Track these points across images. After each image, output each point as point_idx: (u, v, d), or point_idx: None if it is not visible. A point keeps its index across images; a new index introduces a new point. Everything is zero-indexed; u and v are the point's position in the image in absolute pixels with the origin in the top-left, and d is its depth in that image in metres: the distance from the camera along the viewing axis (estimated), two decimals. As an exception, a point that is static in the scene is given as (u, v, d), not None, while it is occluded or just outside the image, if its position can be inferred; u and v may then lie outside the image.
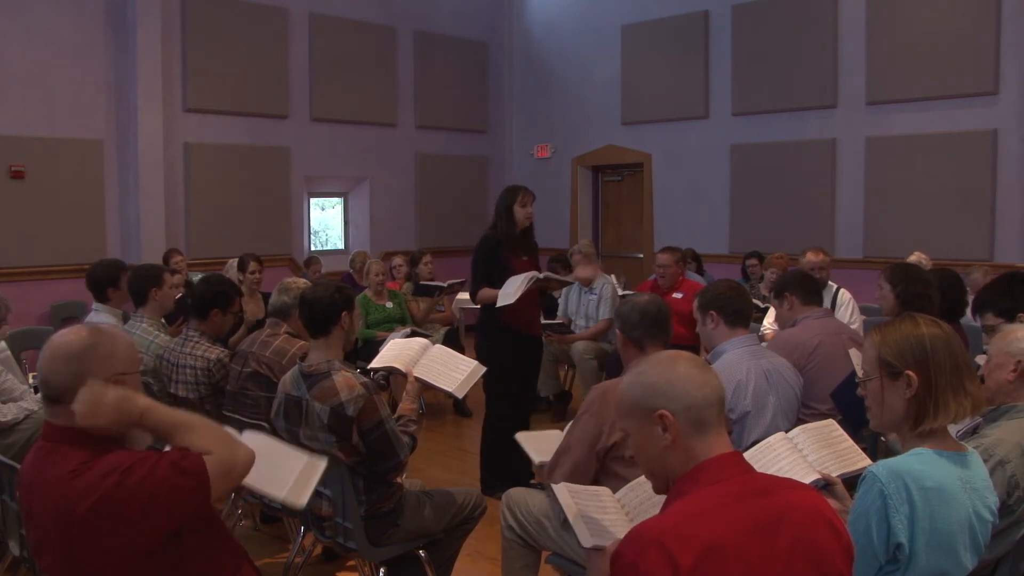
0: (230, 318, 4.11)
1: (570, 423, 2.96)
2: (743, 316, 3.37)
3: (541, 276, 4.50)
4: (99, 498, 1.82)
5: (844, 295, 5.34)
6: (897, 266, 4.00)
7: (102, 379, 1.91)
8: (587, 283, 6.54)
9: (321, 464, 2.48)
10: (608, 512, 2.02)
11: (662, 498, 2.00)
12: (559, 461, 2.86)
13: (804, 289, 3.99)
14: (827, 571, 1.58)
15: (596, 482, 2.80)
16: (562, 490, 1.99)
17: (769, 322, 5.47)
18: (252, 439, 2.48)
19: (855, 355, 3.40)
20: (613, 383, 2.93)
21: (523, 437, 3.36)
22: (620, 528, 1.99)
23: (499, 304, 4.47)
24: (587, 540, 1.83)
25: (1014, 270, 4.27)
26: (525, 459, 4.75)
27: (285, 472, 2.41)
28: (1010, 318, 3.37)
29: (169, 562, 1.90)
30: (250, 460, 1.99)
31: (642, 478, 2.14)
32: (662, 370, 1.69)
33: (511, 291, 4.42)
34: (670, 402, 1.64)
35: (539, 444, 3.34)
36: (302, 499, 2.40)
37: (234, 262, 7.02)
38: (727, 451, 1.66)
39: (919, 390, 1.92)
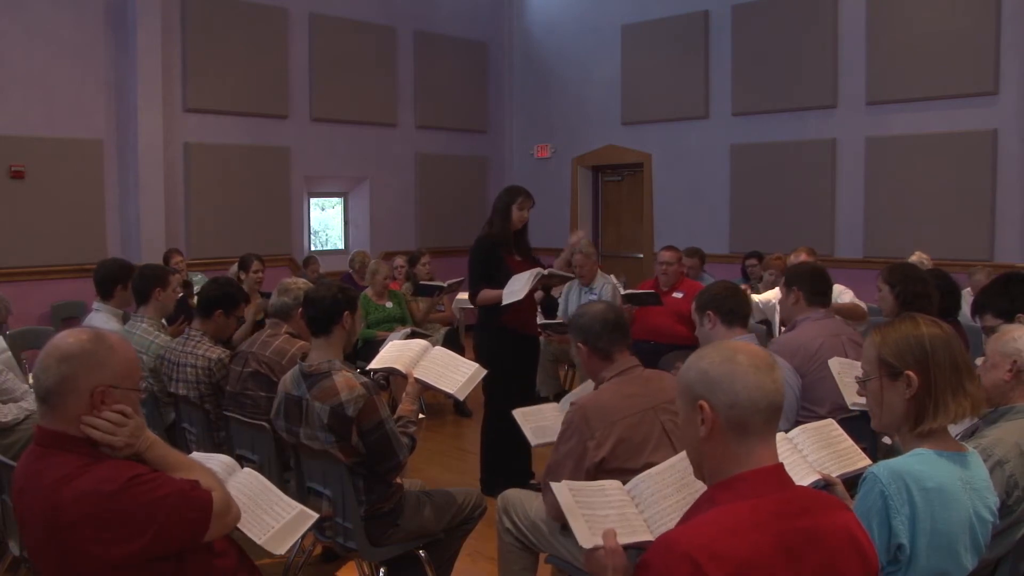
0: (233, 321, 4.13)
1: (558, 435, 2.91)
2: (739, 315, 3.36)
3: (545, 272, 4.51)
4: (93, 504, 1.80)
5: (841, 291, 5.32)
6: (896, 266, 3.98)
7: (88, 386, 1.88)
8: (587, 282, 6.54)
9: (311, 518, 2.48)
10: (614, 507, 2.00)
11: (675, 489, 1.96)
12: (550, 479, 2.83)
13: (811, 288, 3.85)
14: None
15: None
16: (563, 489, 1.97)
17: (769, 297, 5.45)
18: (248, 478, 2.50)
19: (834, 364, 3.37)
20: (589, 398, 2.88)
21: (520, 415, 3.35)
22: (628, 523, 1.97)
23: (505, 302, 4.44)
24: (588, 541, 1.81)
25: (1013, 271, 4.28)
26: (525, 459, 4.82)
27: (272, 518, 2.41)
28: (1009, 319, 3.37)
29: (168, 564, 1.89)
30: (239, 514, 2.07)
31: (653, 470, 2.12)
32: (720, 360, 1.61)
33: (517, 288, 4.40)
34: (714, 395, 1.59)
35: (536, 422, 3.33)
36: (281, 548, 2.40)
37: (236, 266, 7.02)
38: (770, 463, 1.60)
39: (919, 390, 1.92)
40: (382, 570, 3.06)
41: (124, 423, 1.92)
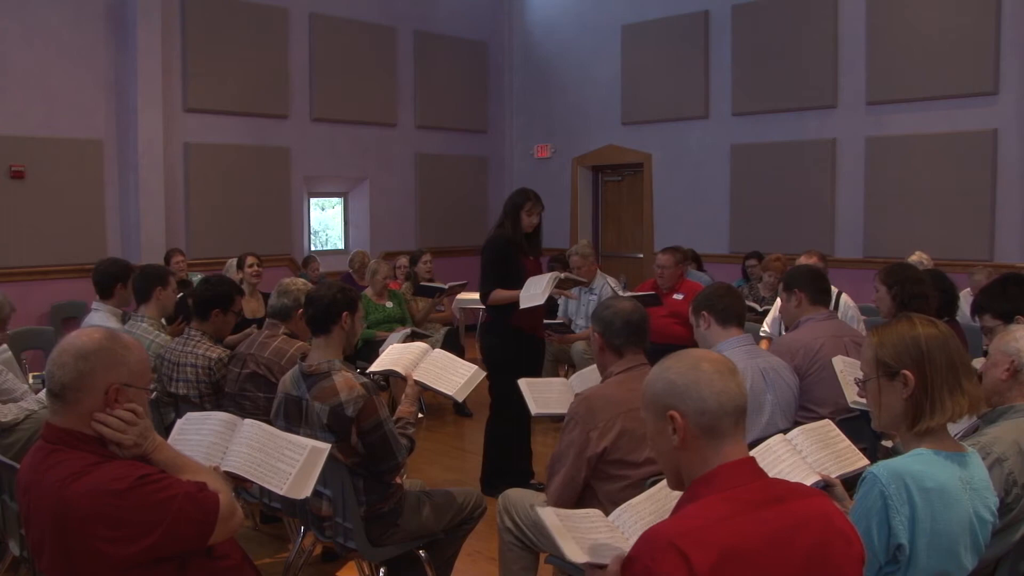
0: (231, 317, 4.12)
1: (562, 426, 2.95)
2: (734, 315, 3.34)
3: (563, 276, 4.52)
4: (101, 502, 1.81)
5: (846, 300, 5.31)
6: (893, 267, 3.97)
7: (105, 383, 1.90)
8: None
9: (323, 451, 2.46)
10: (601, 532, 2.01)
11: (656, 517, 1.97)
12: (553, 469, 2.87)
13: (813, 288, 3.83)
14: None
15: (588, 487, 2.80)
16: (548, 514, 1.98)
17: (767, 326, 5.43)
18: (252, 429, 2.49)
19: (837, 362, 3.38)
20: (594, 390, 2.93)
21: (525, 384, 3.37)
22: (617, 545, 1.98)
23: (524, 305, 4.42)
24: (578, 556, 1.81)
25: (1013, 271, 4.28)
26: (526, 460, 4.82)
27: (287, 464, 2.40)
28: (1008, 320, 3.38)
29: (170, 565, 1.90)
30: (243, 517, 2.07)
31: (634, 500, 2.14)
32: (685, 369, 1.65)
33: (538, 292, 4.40)
34: (683, 404, 1.61)
35: (540, 392, 3.34)
36: (304, 491, 2.39)
37: (233, 262, 7.03)
38: (742, 457, 1.63)
39: (915, 390, 1.92)
40: (382, 570, 3.06)
41: (135, 422, 1.94)
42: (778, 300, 5.47)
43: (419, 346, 3.43)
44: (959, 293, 4.44)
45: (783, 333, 5.05)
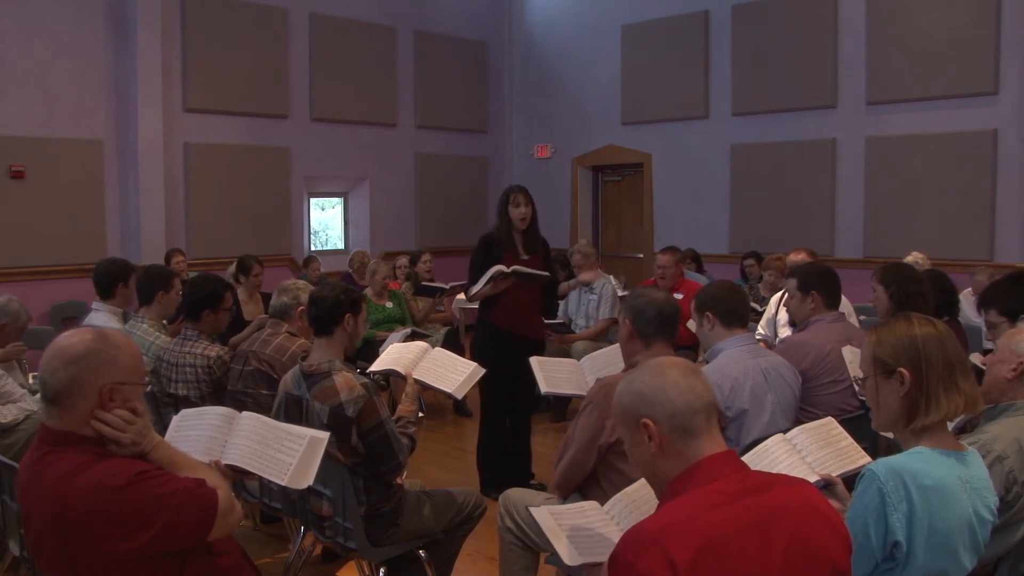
0: (224, 315, 4.09)
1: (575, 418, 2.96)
2: (738, 315, 3.32)
3: (508, 270, 4.47)
4: (100, 498, 1.81)
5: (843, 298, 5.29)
6: (890, 267, 3.96)
7: (98, 386, 1.90)
8: (587, 282, 6.56)
9: (322, 441, 2.46)
10: (595, 527, 2.01)
11: (651, 506, 2.00)
12: (563, 453, 2.87)
13: (829, 291, 3.78)
14: (824, 566, 1.59)
15: (594, 475, 2.81)
16: (543, 514, 1.98)
17: (762, 328, 5.41)
18: (251, 422, 2.49)
19: (847, 352, 3.38)
20: (616, 377, 2.91)
21: (536, 362, 3.40)
22: (612, 539, 1.98)
23: (469, 296, 4.69)
24: (575, 559, 1.82)
25: (1018, 270, 4.27)
26: (524, 460, 4.82)
27: (286, 454, 2.40)
28: (1013, 319, 3.37)
29: (168, 563, 1.90)
30: (242, 513, 2.08)
31: (630, 488, 2.14)
32: (649, 378, 1.70)
33: (476, 286, 4.55)
34: (654, 410, 1.66)
35: (551, 371, 3.35)
36: (305, 481, 2.39)
37: (233, 267, 7.01)
38: (720, 451, 1.66)
39: (911, 387, 1.93)
40: (382, 570, 3.06)
41: (134, 421, 1.94)
42: (771, 303, 5.46)
43: (419, 345, 3.44)
44: (960, 293, 4.44)
45: (778, 335, 5.06)
